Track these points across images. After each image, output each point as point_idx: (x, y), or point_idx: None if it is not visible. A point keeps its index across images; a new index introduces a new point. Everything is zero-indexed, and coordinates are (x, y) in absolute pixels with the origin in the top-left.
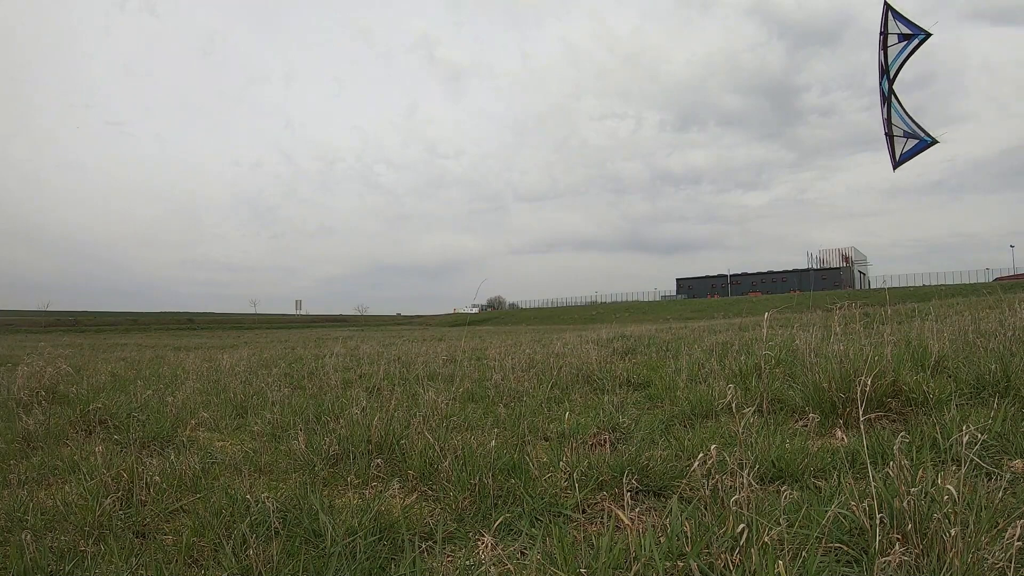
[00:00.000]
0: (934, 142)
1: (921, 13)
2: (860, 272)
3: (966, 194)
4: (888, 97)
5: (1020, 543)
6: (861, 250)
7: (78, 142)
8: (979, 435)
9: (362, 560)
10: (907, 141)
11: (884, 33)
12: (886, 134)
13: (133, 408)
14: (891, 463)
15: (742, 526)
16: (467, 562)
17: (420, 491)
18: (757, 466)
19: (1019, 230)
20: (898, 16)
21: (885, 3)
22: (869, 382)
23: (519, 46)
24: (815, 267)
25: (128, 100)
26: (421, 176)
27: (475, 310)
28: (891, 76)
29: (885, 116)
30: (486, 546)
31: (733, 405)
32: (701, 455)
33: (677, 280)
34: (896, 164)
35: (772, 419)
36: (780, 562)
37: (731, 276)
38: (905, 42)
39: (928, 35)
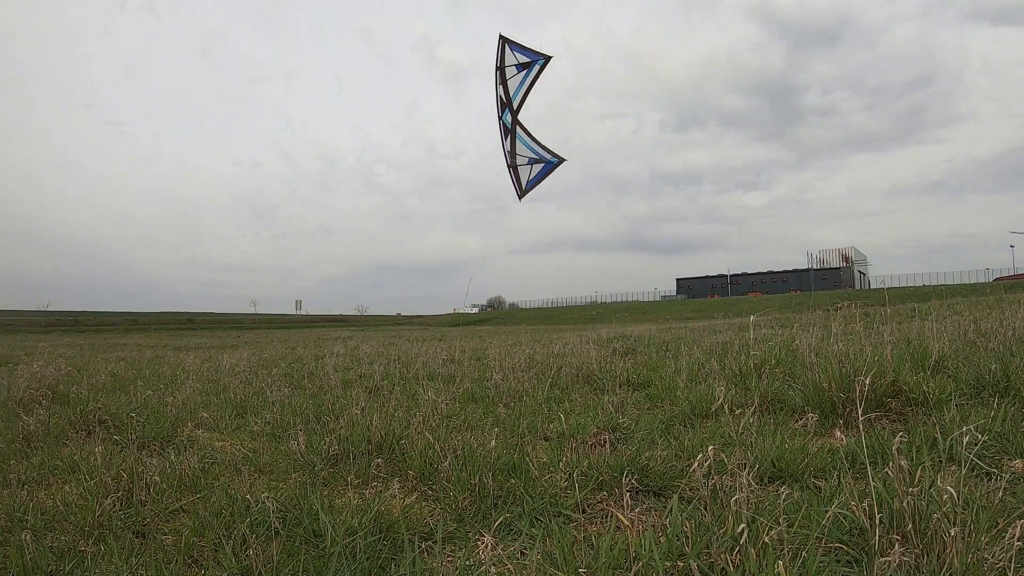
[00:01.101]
0: (561, 161)
1: (921, 13)
2: (860, 272)
3: (966, 194)
4: (512, 129)
5: (1020, 543)
6: (861, 250)
7: (78, 142)
8: (979, 435)
9: (362, 560)
10: (532, 167)
11: (501, 67)
12: (509, 166)
13: (133, 408)
14: (890, 463)
15: (742, 526)
16: (467, 562)
17: (420, 491)
18: (757, 466)
19: (1019, 230)
20: (515, 46)
21: (500, 37)
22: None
23: None
24: (815, 267)
25: (128, 100)
26: (421, 176)
27: (475, 310)
28: (515, 108)
29: (508, 148)
30: (486, 546)
31: (726, 406)
32: (700, 455)
33: (677, 280)
34: (522, 193)
35: (772, 419)
36: (780, 562)
37: (731, 276)
38: (525, 71)
39: (548, 58)
